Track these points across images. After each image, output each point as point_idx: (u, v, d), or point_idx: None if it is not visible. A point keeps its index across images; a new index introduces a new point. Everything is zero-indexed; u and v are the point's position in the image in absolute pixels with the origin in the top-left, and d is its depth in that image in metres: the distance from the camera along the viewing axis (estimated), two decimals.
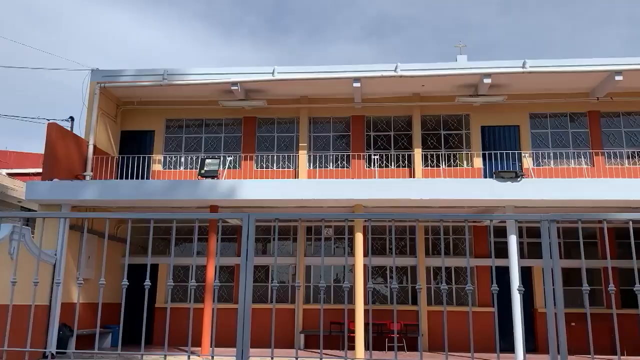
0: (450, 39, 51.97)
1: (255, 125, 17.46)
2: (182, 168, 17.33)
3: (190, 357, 12.40)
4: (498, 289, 4.39)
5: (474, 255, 16.14)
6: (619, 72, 14.90)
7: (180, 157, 17.44)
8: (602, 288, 15.69)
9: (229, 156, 17.06)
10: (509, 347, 14.61)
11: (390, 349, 14.77)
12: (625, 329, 14.24)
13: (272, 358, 4.34)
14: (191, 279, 4.59)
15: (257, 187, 13.52)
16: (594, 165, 16.18)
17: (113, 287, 15.82)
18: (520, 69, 15.20)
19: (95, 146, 15.80)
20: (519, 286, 4.28)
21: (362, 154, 16.93)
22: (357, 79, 15.64)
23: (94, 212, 14.45)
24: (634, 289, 4.25)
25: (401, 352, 14.47)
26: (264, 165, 17.17)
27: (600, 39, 53.17)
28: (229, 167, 16.87)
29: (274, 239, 16.92)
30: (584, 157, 16.39)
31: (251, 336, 12.90)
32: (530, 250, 16.01)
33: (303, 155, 16.91)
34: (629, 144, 16.45)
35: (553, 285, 4.20)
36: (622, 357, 14.06)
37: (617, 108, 16.51)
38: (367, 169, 16.78)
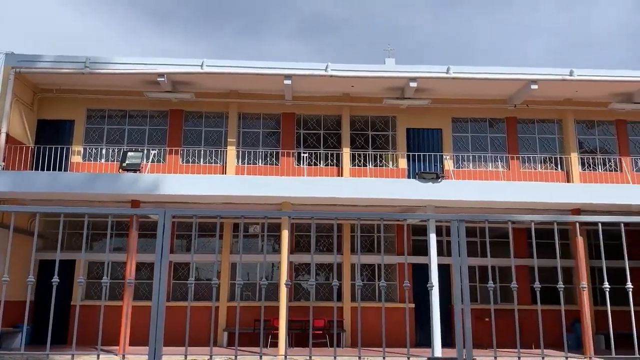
0: (382, 41, 53.12)
1: (182, 119, 17.07)
2: (102, 160, 16.64)
3: (102, 356, 11.97)
4: (409, 285, 4.55)
5: (397, 253, 16.62)
6: (534, 82, 15.84)
7: (102, 149, 16.75)
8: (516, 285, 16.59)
9: (153, 149, 16.58)
10: (427, 341, 15.18)
11: (313, 345, 14.92)
12: (535, 324, 15.15)
13: (185, 356, 4.27)
14: (105, 276, 4.43)
15: (182, 182, 13.24)
16: (509, 169, 17.11)
17: (26, 284, 14.94)
18: (445, 74, 15.81)
19: (8, 135, 14.86)
20: (429, 283, 4.46)
21: (291, 151, 16.97)
22: (288, 77, 15.67)
23: (5, 204, 13.59)
24: (534, 286, 4.54)
25: (324, 348, 14.65)
26: (191, 160, 16.83)
27: (523, 49, 56.19)
28: (152, 161, 16.39)
29: (199, 236, 16.63)
30: (501, 161, 17.30)
31: (175, 334, 12.64)
32: (450, 248, 16.67)
33: (231, 151, 16.72)
34: (542, 149, 17.52)
35: (462, 282, 4.40)
36: (526, 349, 14.95)
37: (532, 115, 17.53)
38: (297, 166, 16.85)
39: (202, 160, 16.83)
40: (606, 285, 4.49)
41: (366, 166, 17.04)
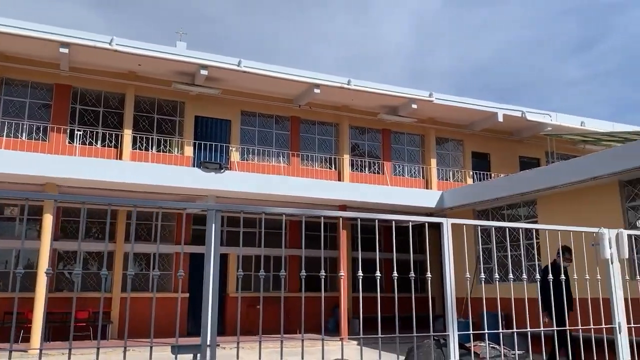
0: (185, 27, 51.64)
1: None
2: None
3: None
4: (158, 273, 4.49)
5: (175, 242, 16.32)
6: (317, 86, 16.98)
7: None
8: (287, 275, 17.62)
9: None
10: (199, 330, 15.21)
11: (75, 338, 13.83)
12: (298, 310, 16.29)
13: None
14: None
15: None
16: (290, 165, 18.07)
17: None
18: (236, 67, 15.99)
19: None
20: (179, 272, 4.46)
21: (64, 127, 15.41)
22: (65, 44, 14.19)
23: None
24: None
25: (87, 341, 13.68)
26: None
27: (319, 55, 59.91)
28: None
29: None
30: (283, 157, 18.17)
31: None
32: (230, 238, 16.94)
33: None
34: (320, 149, 18.88)
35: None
36: (290, 334, 16.02)
37: (314, 117, 18.78)
38: (69, 144, 15.36)
39: None
40: (342, 273, 5.04)
41: (149, 151, 16.34)
